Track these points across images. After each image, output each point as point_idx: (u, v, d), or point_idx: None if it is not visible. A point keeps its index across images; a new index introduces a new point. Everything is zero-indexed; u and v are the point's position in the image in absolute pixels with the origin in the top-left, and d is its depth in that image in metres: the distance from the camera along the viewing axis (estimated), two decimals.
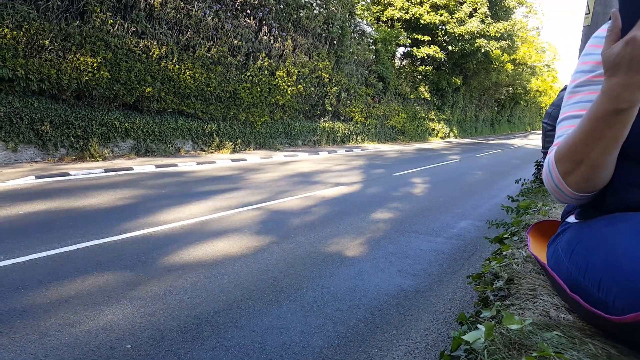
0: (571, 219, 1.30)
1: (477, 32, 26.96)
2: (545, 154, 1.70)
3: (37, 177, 8.18)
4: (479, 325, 1.10)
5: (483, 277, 1.95)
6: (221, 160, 12.61)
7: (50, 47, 9.84)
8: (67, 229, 5.22)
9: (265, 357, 2.84)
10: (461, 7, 26.86)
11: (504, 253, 1.97)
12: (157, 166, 10.65)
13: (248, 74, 15.45)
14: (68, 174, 8.75)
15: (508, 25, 28.94)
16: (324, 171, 11.65)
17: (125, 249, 4.73)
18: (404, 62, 30.67)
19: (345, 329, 3.28)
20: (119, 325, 3.13)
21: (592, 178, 1.04)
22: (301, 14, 17.55)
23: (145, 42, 11.94)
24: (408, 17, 26.72)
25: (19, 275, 3.85)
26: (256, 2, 15.26)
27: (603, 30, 1.19)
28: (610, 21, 1.21)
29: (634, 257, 0.88)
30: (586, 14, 4.29)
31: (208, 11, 13.55)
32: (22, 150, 9.75)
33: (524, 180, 5.94)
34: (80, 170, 9.11)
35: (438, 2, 26.46)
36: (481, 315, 1.41)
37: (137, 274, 4.07)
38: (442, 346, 3.16)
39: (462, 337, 1.13)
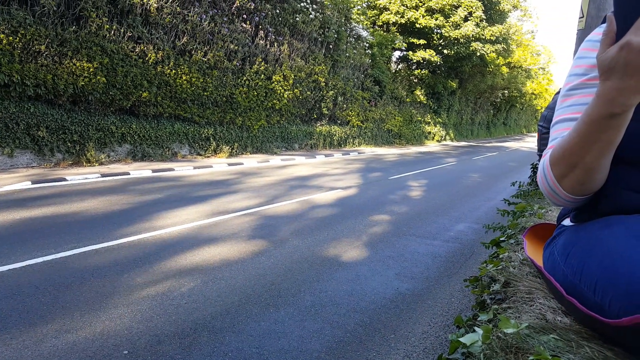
0: (567, 222, 1.31)
1: (473, 35, 27.06)
2: (541, 156, 1.71)
3: (34, 183, 8.16)
4: (476, 328, 1.10)
5: (480, 281, 1.95)
6: (218, 165, 12.60)
7: (47, 53, 9.83)
8: (64, 234, 5.21)
9: None
10: (456, 11, 26.96)
11: (501, 256, 1.98)
12: (154, 171, 10.64)
13: (244, 78, 15.46)
14: (64, 179, 8.74)
15: (503, 28, 29.08)
16: (321, 175, 11.66)
17: (121, 254, 4.72)
18: (399, 66, 30.75)
19: (344, 333, 3.28)
20: (116, 331, 3.12)
21: (587, 181, 1.04)
22: (297, 19, 17.59)
23: (142, 47, 11.95)
24: (404, 21, 26.83)
25: (14, 281, 3.83)
26: (252, 7, 15.28)
27: (596, 34, 1.20)
28: (604, 24, 1.22)
29: (628, 260, 0.88)
30: (580, 18, 4.31)
31: (204, 16, 13.56)
32: (18, 155, 9.73)
33: (520, 182, 5.96)
34: (76, 176, 9.10)
35: (433, 6, 26.56)
36: (478, 319, 1.41)
37: (133, 279, 4.06)
38: (440, 349, 3.16)
39: (460, 339, 1.13)
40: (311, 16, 18.28)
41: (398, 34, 27.11)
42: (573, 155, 1.02)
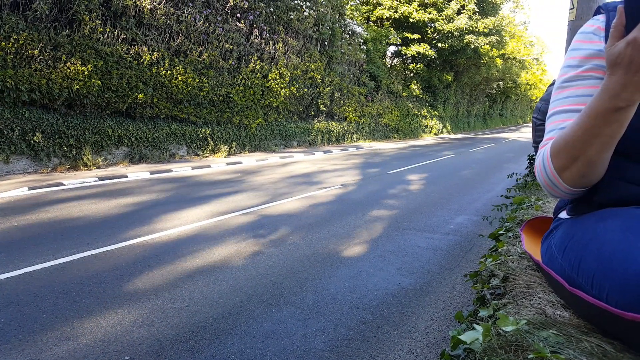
0: (563, 214, 1.30)
1: (466, 28, 27.07)
2: (536, 148, 1.71)
3: (30, 189, 8.14)
4: (475, 326, 1.10)
5: (480, 276, 1.95)
6: (216, 164, 12.59)
7: (40, 57, 9.79)
8: (62, 240, 5.19)
9: None
10: (449, 5, 26.98)
11: (500, 250, 1.97)
12: (152, 172, 10.62)
13: (240, 77, 15.44)
14: (62, 184, 8.71)
15: (496, 20, 29.09)
16: (319, 171, 11.65)
17: (121, 258, 4.71)
18: (395, 61, 30.71)
19: (347, 331, 3.28)
20: (117, 336, 3.11)
21: (588, 174, 1.04)
22: (291, 16, 17.55)
23: (136, 49, 11.91)
24: (397, 16, 26.83)
25: (13, 289, 3.82)
26: (246, 6, 15.24)
27: (589, 26, 1.20)
28: (597, 16, 1.21)
29: (623, 254, 0.88)
30: (570, 9, 4.32)
31: (198, 16, 13.52)
32: (14, 161, 9.70)
33: (518, 175, 5.97)
34: (73, 180, 9.07)
35: (426, 0, 26.57)
36: (479, 315, 1.40)
37: (134, 284, 4.05)
38: (444, 344, 3.16)
39: (460, 337, 1.13)
40: (305, 13, 18.23)
41: (392, 28, 27.11)
42: (575, 147, 1.02)
